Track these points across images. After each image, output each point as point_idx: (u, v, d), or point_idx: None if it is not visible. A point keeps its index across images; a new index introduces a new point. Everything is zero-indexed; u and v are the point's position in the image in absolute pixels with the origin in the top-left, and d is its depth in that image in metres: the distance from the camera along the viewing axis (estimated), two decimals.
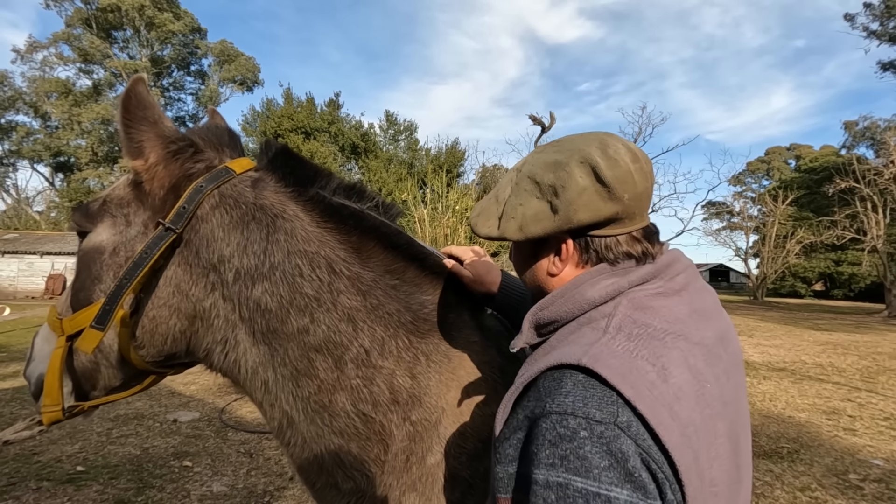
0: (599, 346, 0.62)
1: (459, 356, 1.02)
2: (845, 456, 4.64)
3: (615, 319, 0.68)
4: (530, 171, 0.80)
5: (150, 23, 37.73)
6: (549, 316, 0.76)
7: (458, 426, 0.96)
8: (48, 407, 0.98)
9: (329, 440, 0.96)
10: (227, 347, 0.99)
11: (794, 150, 51.40)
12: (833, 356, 10.49)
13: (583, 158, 0.74)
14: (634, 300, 0.72)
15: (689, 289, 0.78)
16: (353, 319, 0.97)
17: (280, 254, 0.97)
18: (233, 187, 0.99)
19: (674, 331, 0.68)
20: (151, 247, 0.92)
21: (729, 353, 0.76)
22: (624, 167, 0.74)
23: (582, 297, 0.73)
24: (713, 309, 0.80)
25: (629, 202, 0.74)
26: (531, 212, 0.77)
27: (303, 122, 30.91)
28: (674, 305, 0.73)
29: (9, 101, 36.87)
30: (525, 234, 0.77)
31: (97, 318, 0.92)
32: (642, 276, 0.74)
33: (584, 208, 0.73)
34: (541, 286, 0.84)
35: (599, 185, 0.72)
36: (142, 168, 0.99)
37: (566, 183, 0.74)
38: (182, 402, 6.12)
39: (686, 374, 0.63)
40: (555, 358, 0.64)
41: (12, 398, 6.04)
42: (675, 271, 0.78)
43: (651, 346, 0.64)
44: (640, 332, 0.66)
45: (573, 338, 0.69)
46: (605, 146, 0.75)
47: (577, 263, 0.79)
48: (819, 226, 32.04)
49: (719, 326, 0.78)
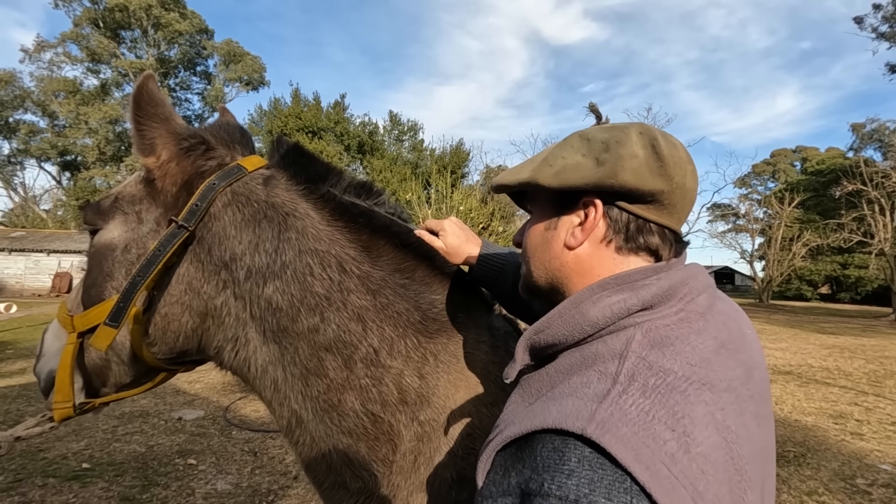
0: (609, 406, 0.51)
1: (468, 356, 1.01)
2: (853, 460, 4.60)
3: (627, 363, 0.57)
4: (583, 131, 0.72)
5: (157, 23, 37.96)
6: (546, 340, 0.67)
7: (466, 427, 0.95)
8: (59, 403, 0.98)
9: (338, 440, 0.96)
10: (238, 345, 0.98)
11: (800, 152, 51.08)
12: (840, 360, 10.41)
13: (643, 129, 0.68)
14: (651, 332, 0.60)
15: (713, 312, 0.67)
16: (362, 319, 0.96)
17: (291, 252, 0.96)
18: (244, 185, 0.99)
19: (698, 378, 0.56)
20: (165, 244, 0.92)
21: (758, 385, 0.66)
22: (682, 154, 0.68)
23: (582, 318, 0.63)
24: (739, 335, 0.68)
25: (676, 189, 0.66)
26: (573, 162, 0.69)
27: (310, 121, 30.99)
28: (698, 339, 0.61)
29: (17, 101, 37.18)
30: (560, 180, 0.68)
31: (111, 315, 0.92)
32: (656, 293, 0.63)
33: (632, 171, 0.64)
34: (550, 267, 0.73)
35: (654, 158, 0.65)
36: (154, 165, 0.99)
37: (621, 140, 0.66)
38: (187, 401, 6.14)
39: (713, 436, 0.52)
40: (553, 418, 0.52)
41: (19, 395, 6.08)
42: (696, 290, 0.67)
43: (670, 404, 0.52)
44: (658, 382, 0.54)
45: (576, 383, 0.58)
46: (664, 132, 0.70)
47: (600, 239, 0.69)
48: (825, 228, 31.82)
49: (748, 357, 0.66)
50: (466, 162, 30.94)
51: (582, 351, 0.63)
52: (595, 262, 0.69)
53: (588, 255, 0.69)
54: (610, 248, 0.68)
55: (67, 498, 3.55)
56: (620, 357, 0.58)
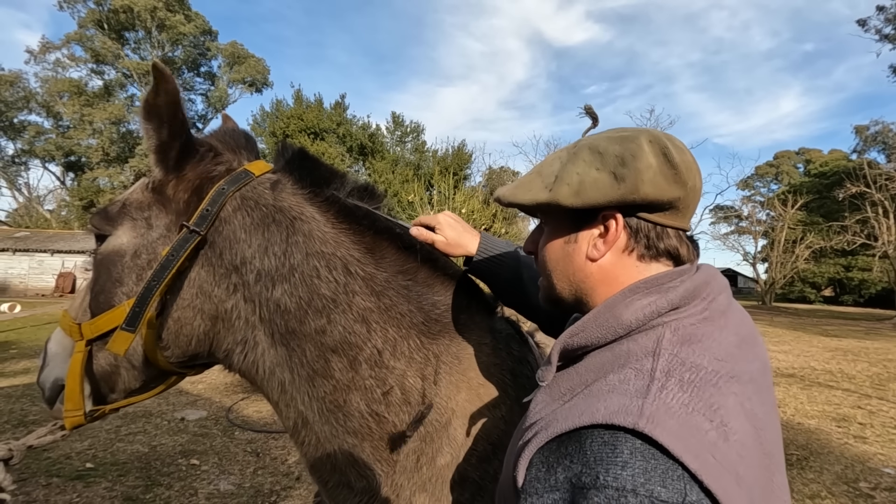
0: (653, 401, 0.54)
1: (470, 358, 1.02)
2: (856, 464, 4.59)
3: (661, 360, 0.59)
4: (591, 143, 0.73)
5: (162, 24, 38.10)
6: (580, 342, 0.69)
7: (467, 428, 0.96)
8: (70, 411, 0.98)
9: (343, 440, 0.97)
10: (247, 348, 0.99)
11: (803, 154, 50.90)
12: (843, 362, 10.37)
13: (652, 138, 0.69)
14: (679, 330, 0.63)
15: (732, 310, 0.70)
16: (366, 320, 0.97)
17: (299, 255, 0.98)
18: (253, 189, 1.01)
19: (726, 371, 0.60)
20: (177, 249, 0.93)
21: (769, 377, 0.70)
22: (689, 157, 0.70)
23: (616, 321, 0.66)
24: (752, 330, 0.72)
25: (690, 193, 0.69)
26: (590, 179, 0.69)
27: (312, 122, 31.06)
28: (721, 335, 0.65)
29: (22, 101, 37.35)
30: (582, 199, 0.69)
31: (128, 320, 0.92)
32: (682, 295, 0.66)
33: (651, 184, 0.66)
34: (574, 279, 0.75)
35: (668, 165, 0.67)
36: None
37: (636, 154, 0.67)
38: (189, 401, 6.16)
39: (745, 424, 0.56)
40: (603, 414, 0.54)
41: (23, 394, 6.11)
42: (716, 289, 0.70)
43: (706, 396, 0.56)
44: (693, 377, 0.57)
45: (614, 380, 0.60)
46: (668, 135, 0.72)
47: (622, 249, 0.71)
48: (829, 231, 31.77)
49: (761, 351, 0.71)
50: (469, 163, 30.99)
51: (612, 350, 0.65)
52: (619, 270, 0.71)
53: (612, 265, 0.72)
54: (632, 257, 0.71)
55: (71, 497, 3.56)
56: (654, 354, 0.60)
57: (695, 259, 0.73)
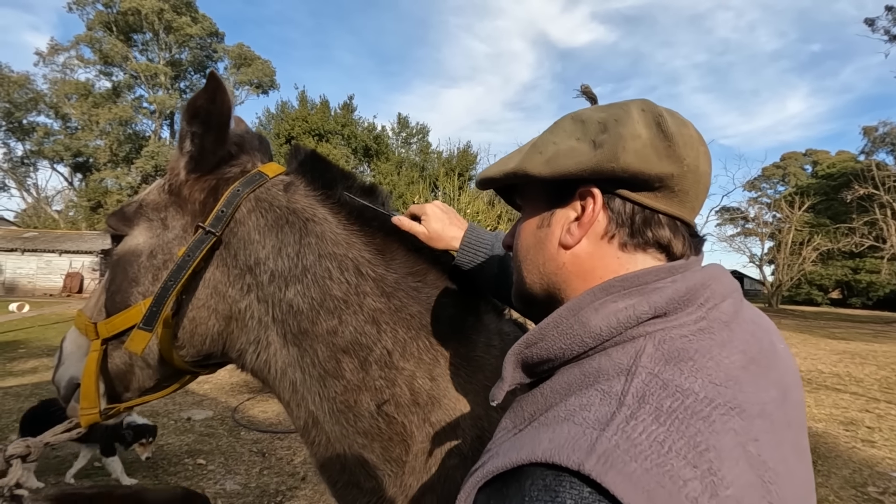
0: (613, 434, 0.42)
1: (478, 360, 1.02)
2: (864, 468, 4.55)
3: (636, 381, 0.46)
4: (575, 113, 0.64)
5: (169, 26, 38.37)
6: (540, 354, 0.57)
7: (476, 430, 0.97)
8: (86, 410, 1.00)
9: (353, 440, 0.98)
10: (259, 348, 1.01)
11: (810, 155, 50.55)
12: (850, 366, 10.28)
13: (645, 106, 0.59)
14: (665, 344, 0.50)
15: (739, 321, 0.56)
16: (377, 321, 0.98)
17: (312, 256, 0.99)
18: (267, 191, 1.02)
19: (724, 400, 0.46)
20: (194, 249, 0.95)
21: (795, 410, 0.55)
22: (693, 133, 0.59)
23: (582, 328, 0.53)
24: (770, 349, 0.57)
25: (687, 172, 0.57)
26: (566, 147, 0.60)
27: (316, 124, 31.16)
28: (722, 352, 0.51)
29: (31, 103, 37.68)
30: (552, 168, 0.59)
31: (145, 319, 0.93)
32: (671, 298, 0.53)
33: (635, 153, 0.55)
34: (545, 271, 0.64)
35: (660, 137, 0.56)
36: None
37: (621, 118, 0.58)
38: (196, 401, 6.19)
39: (745, 473, 0.42)
40: (544, 449, 0.43)
41: (31, 394, 6.16)
42: (719, 294, 0.56)
43: (691, 433, 0.42)
44: (675, 405, 0.44)
45: (573, 405, 0.48)
46: (670, 110, 0.61)
47: (601, 235, 0.59)
48: (836, 233, 31.51)
49: (781, 376, 0.55)
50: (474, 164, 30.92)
51: (581, 367, 0.53)
52: (596, 261, 0.60)
53: (588, 255, 0.60)
54: (613, 245, 0.59)
55: None
56: (627, 373, 0.48)
57: (692, 255, 0.60)
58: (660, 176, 0.56)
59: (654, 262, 0.59)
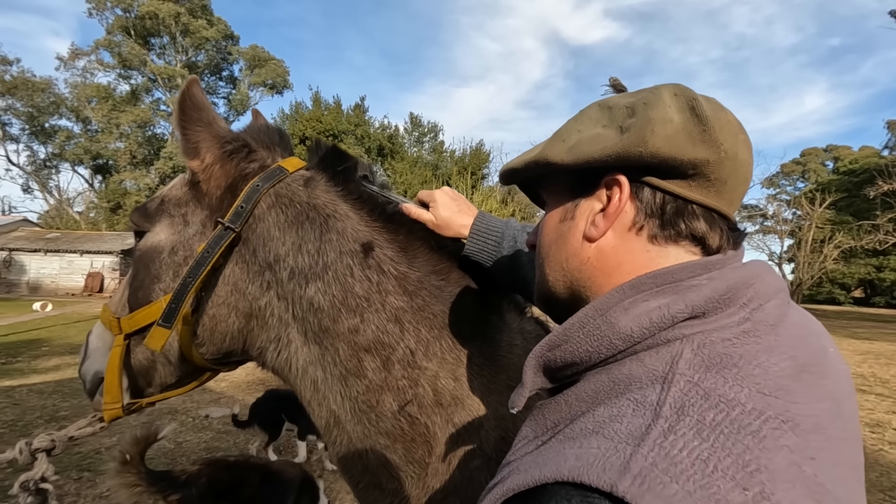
0: (650, 450, 0.37)
1: (501, 360, 1.00)
2: (892, 471, 4.43)
3: (674, 390, 0.42)
4: (603, 99, 0.60)
5: (186, 30, 39.04)
6: (564, 358, 0.53)
7: (500, 431, 0.95)
8: (109, 404, 1.01)
9: (375, 440, 0.96)
10: (280, 346, 1.00)
11: (831, 151, 49.48)
12: (875, 366, 10.02)
13: (678, 90, 0.55)
14: (705, 348, 0.45)
15: (786, 324, 0.50)
16: (399, 320, 0.96)
17: (333, 253, 0.97)
18: (287, 186, 1.01)
19: (775, 412, 0.41)
20: (213, 246, 0.94)
21: (850, 424, 0.49)
22: (730, 118, 0.55)
23: (611, 329, 0.49)
24: (822, 355, 0.51)
25: (725, 159, 0.52)
26: (591, 134, 0.56)
27: (330, 125, 31.39)
28: (770, 359, 0.45)
29: (52, 107, 38.62)
30: (575, 154, 0.55)
31: (164, 316, 0.93)
32: (710, 297, 0.48)
33: (666, 138, 0.51)
34: (568, 267, 0.59)
35: (694, 121, 0.51)
36: (199, 168, 1.01)
37: (650, 101, 0.53)
38: (213, 399, 6.27)
39: (803, 500, 0.37)
40: (571, 467, 0.39)
41: (54, 391, 6.30)
42: (764, 294, 0.50)
43: (738, 450, 0.37)
44: (720, 418, 0.39)
45: (603, 416, 0.44)
46: (706, 96, 0.57)
47: (629, 226, 0.55)
48: (859, 230, 30.80)
49: (835, 385, 0.50)
50: (487, 163, 30.87)
51: (610, 372, 0.49)
52: (623, 256, 0.55)
53: (614, 249, 0.55)
54: (641, 238, 0.54)
55: (101, 491, 3.65)
56: (664, 381, 0.43)
57: (731, 250, 0.55)
58: (693, 162, 0.51)
59: (689, 256, 0.54)
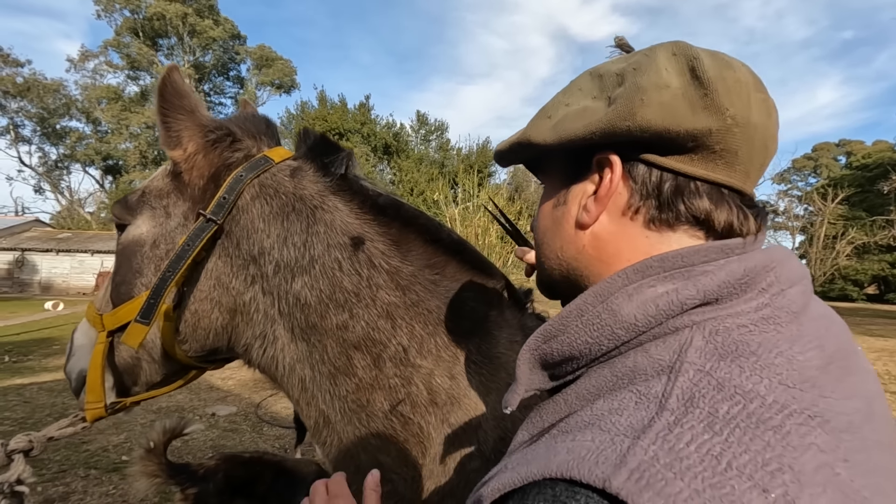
0: (651, 443, 0.33)
1: (501, 357, 0.96)
2: None
3: (682, 380, 0.37)
4: (593, 68, 0.55)
5: (193, 30, 39.33)
6: (562, 350, 0.47)
7: (499, 431, 0.91)
8: (91, 404, 0.98)
9: (367, 441, 0.93)
10: (266, 343, 0.97)
11: (844, 145, 48.77)
12: (889, 364, 9.86)
13: (677, 49, 0.48)
14: (718, 336, 0.40)
15: (810, 313, 0.45)
16: (391, 316, 0.93)
17: (320, 246, 0.94)
18: (272, 177, 0.97)
19: (801, 406, 0.35)
20: (193, 238, 0.91)
21: (883, 426, 0.43)
22: (742, 76, 0.47)
23: (613, 318, 0.44)
24: (850, 348, 0.47)
25: (732, 126, 0.45)
26: (578, 108, 0.51)
27: (336, 123, 31.47)
28: (793, 347, 0.40)
29: (63, 108, 39.12)
30: (558, 133, 0.50)
31: (142, 312, 0.90)
32: (725, 282, 0.42)
33: (658, 106, 0.44)
34: (563, 256, 0.55)
35: (694, 84, 0.45)
36: (180, 158, 0.98)
37: (641, 65, 0.47)
38: (220, 397, 6.29)
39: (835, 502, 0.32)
40: (560, 461, 0.35)
41: (64, 388, 6.35)
42: (785, 279, 0.45)
43: (758, 446, 0.32)
44: (736, 410, 0.34)
45: (601, 409, 0.40)
46: (714, 52, 0.50)
47: (622, 210, 0.50)
48: (873, 225, 30.37)
49: (864, 382, 0.44)
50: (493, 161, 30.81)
51: (612, 366, 0.44)
52: (622, 242, 0.50)
53: (610, 235, 0.50)
54: (637, 222, 0.49)
55: (107, 489, 3.67)
56: (670, 371, 0.39)
57: (752, 232, 0.48)
58: (692, 133, 0.45)
59: (692, 241, 0.48)
